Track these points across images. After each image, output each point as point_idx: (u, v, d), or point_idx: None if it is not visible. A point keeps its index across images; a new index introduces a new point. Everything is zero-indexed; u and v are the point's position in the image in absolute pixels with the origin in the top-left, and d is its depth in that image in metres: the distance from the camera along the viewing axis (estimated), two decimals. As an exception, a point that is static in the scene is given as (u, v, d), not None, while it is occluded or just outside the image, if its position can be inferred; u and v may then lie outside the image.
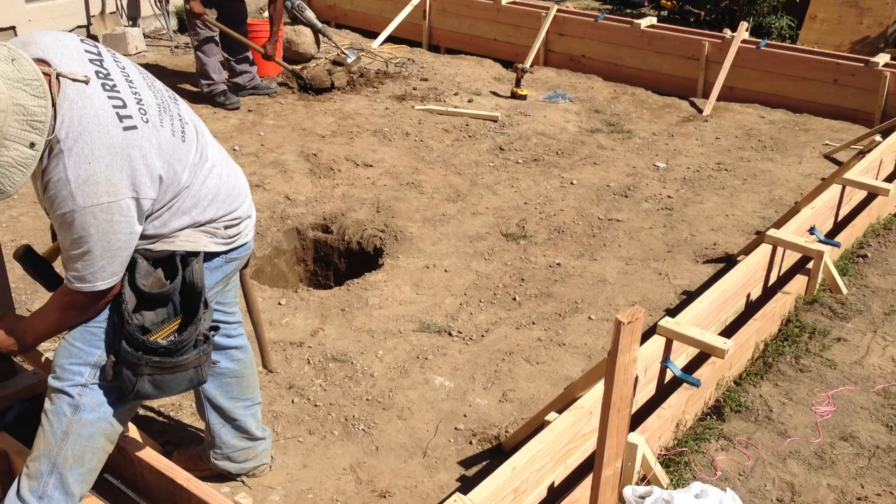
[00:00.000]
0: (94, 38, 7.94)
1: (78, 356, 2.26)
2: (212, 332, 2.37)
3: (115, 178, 2.02)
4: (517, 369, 3.68)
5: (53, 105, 1.97)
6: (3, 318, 2.45)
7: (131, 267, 2.23)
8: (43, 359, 2.75)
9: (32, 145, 1.94)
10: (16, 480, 2.35)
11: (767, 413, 3.25)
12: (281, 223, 4.85)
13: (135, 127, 2.08)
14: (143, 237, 2.21)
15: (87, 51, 2.14)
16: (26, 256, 2.42)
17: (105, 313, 2.26)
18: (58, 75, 2.00)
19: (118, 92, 2.10)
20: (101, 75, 2.09)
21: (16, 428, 2.68)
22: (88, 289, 2.14)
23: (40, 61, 2.02)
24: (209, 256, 2.38)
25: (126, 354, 2.19)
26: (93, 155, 2.00)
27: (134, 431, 2.70)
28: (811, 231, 4.26)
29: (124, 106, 2.08)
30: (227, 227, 2.39)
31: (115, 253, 2.11)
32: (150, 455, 2.53)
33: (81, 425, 2.26)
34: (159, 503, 2.55)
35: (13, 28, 7.38)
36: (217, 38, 6.48)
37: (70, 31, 7.74)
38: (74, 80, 2.02)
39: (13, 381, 2.78)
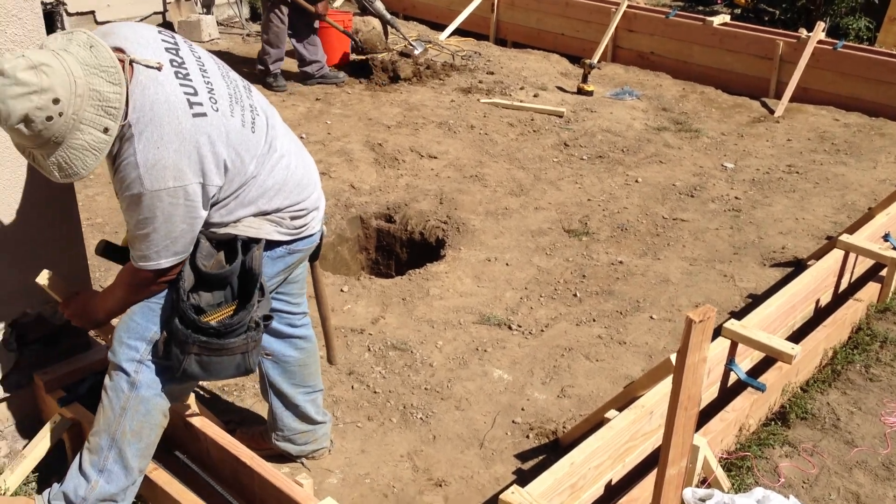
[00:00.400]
0: (170, 24, 8.12)
1: (136, 331, 2.31)
2: (266, 322, 2.38)
3: (182, 163, 2.07)
4: (576, 365, 3.66)
5: (126, 91, 2.03)
6: (78, 293, 2.53)
7: (194, 247, 2.27)
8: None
9: (106, 130, 2.00)
10: (78, 454, 2.43)
11: (834, 421, 3.18)
12: (345, 211, 4.90)
13: (204, 114, 2.12)
14: (207, 224, 2.25)
15: (163, 40, 2.20)
16: (107, 250, 2.48)
17: (166, 290, 2.31)
18: (131, 62, 2.05)
19: (190, 80, 2.14)
20: (175, 63, 2.14)
21: (89, 399, 2.76)
22: (152, 266, 2.20)
23: (117, 49, 2.07)
24: (272, 245, 2.40)
25: (176, 331, 2.24)
26: (162, 140, 2.05)
27: (200, 408, 2.77)
28: (885, 238, 4.13)
29: (195, 93, 2.13)
30: (293, 218, 2.41)
31: (178, 235, 2.16)
32: (216, 432, 2.59)
33: (139, 401, 2.32)
34: (223, 480, 2.60)
35: (92, 13, 7.59)
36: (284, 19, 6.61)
37: (146, 17, 7.97)
38: (147, 66, 2.07)
39: (87, 354, 2.88)
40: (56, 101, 1.91)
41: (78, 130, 1.97)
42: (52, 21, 7.04)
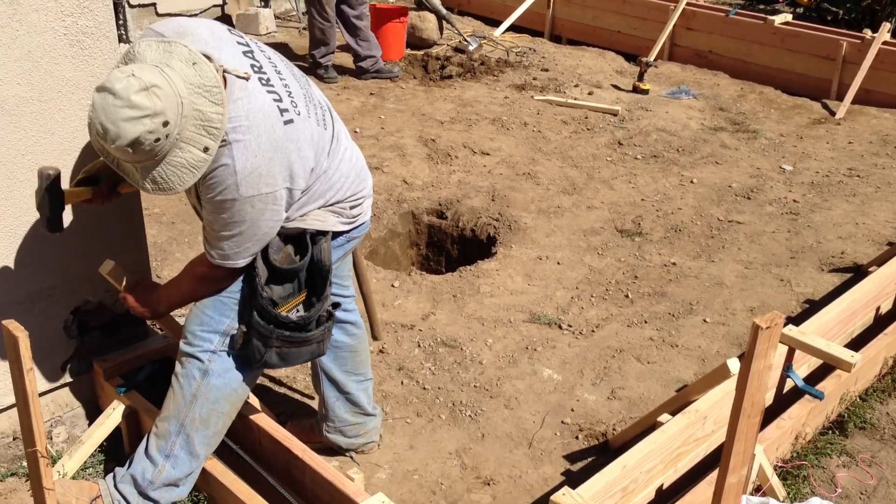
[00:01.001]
0: (228, 17, 8.23)
1: (209, 324, 2.36)
2: (335, 309, 2.43)
3: (275, 170, 2.11)
4: (627, 367, 3.62)
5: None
6: (138, 283, 2.58)
7: None
8: (174, 324, 2.88)
9: (206, 150, 2.01)
10: (144, 439, 2.48)
11: (894, 432, 3.10)
12: (397, 206, 4.91)
13: (292, 121, 2.16)
14: None
15: (238, 42, 2.21)
16: (53, 184, 2.30)
17: (237, 284, 2.35)
18: (224, 72, 2.06)
19: (272, 85, 2.17)
20: (255, 69, 2.17)
21: (146, 387, 2.82)
22: (230, 265, 2.25)
23: (203, 55, 2.08)
24: (335, 235, 2.45)
25: (258, 326, 2.28)
26: (259, 148, 2.08)
27: (254, 400, 2.81)
28: (952, 245, 4.01)
29: (280, 100, 2.16)
30: (352, 207, 2.45)
31: (262, 237, 2.21)
32: (269, 424, 2.62)
33: (209, 389, 2.36)
34: (275, 471, 2.63)
35: (154, 5, 7.72)
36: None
37: (206, 10, 8.08)
38: (237, 76, 2.08)
39: (145, 343, 2.94)
40: (166, 124, 1.93)
41: (178, 149, 1.99)
42: (115, 13, 7.18)
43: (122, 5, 7.23)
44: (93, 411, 2.94)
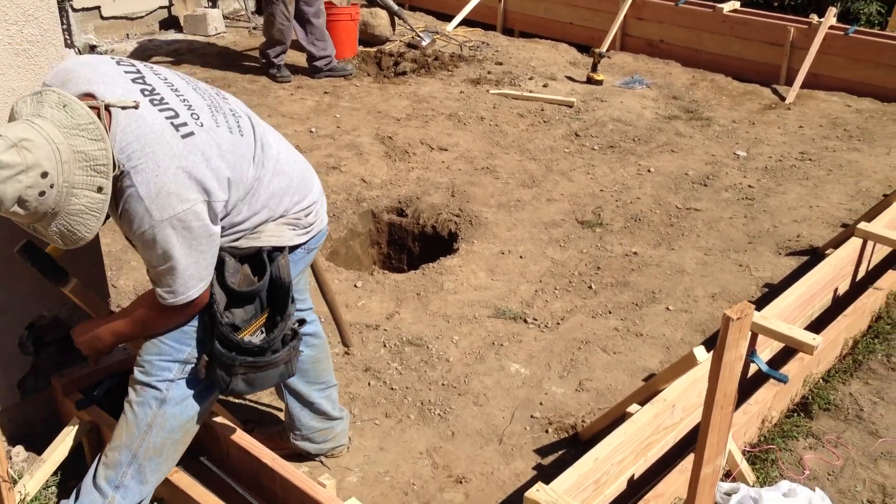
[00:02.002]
0: (175, 18, 8.09)
1: (168, 353, 2.28)
2: (300, 326, 2.38)
3: (183, 185, 2.03)
4: (593, 358, 3.63)
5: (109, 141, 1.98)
6: (84, 322, 2.49)
7: (219, 266, 2.24)
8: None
9: (100, 189, 1.95)
10: (91, 468, 2.39)
11: (858, 412, 3.15)
12: (356, 206, 4.87)
13: (192, 133, 2.08)
14: (226, 234, 2.22)
15: (126, 72, 2.14)
16: (26, 249, 2.39)
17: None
18: (106, 106, 2.00)
19: (167, 103, 2.10)
20: (146, 92, 2.09)
21: (106, 402, 2.75)
22: (182, 301, 2.16)
23: (86, 95, 2.03)
24: (292, 249, 2.39)
25: (220, 355, 2.21)
26: (158, 168, 2.01)
27: (220, 410, 2.75)
28: (904, 225, 4.09)
29: (177, 115, 2.09)
30: (306, 216, 2.40)
31: (200, 258, 2.12)
32: (236, 433, 2.57)
33: (166, 418, 2.29)
34: (244, 481, 2.59)
35: (98, 8, 7.56)
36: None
37: (152, 11, 7.94)
38: (124, 107, 2.02)
39: (104, 357, 2.85)
40: (45, 175, 1.87)
41: (72, 196, 1.93)
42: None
43: (66, 10, 7.06)
44: (53, 428, 2.85)
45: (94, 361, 2.55)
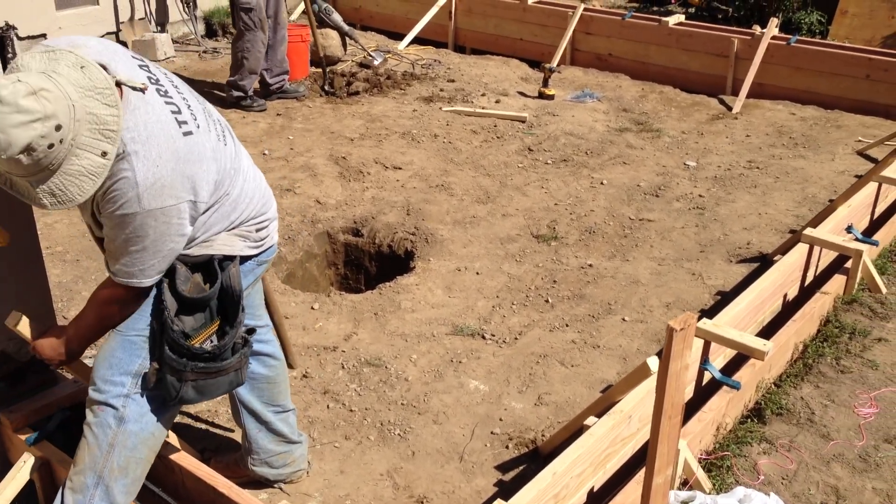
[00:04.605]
0: (124, 43, 8.00)
1: (119, 366, 2.27)
2: (250, 335, 2.38)
3: (177, 181, 2.05)
4: (552, 372, 3.65)
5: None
6: (45, 331, 2.47)
7: (170, 273, 2.23)
8: (83, 367, 2.77)
9: (104, 154, 1.94)
10: (59, 494, 2.36)
11: (809, 416, 3.20)
12: (312, 227, 4.85)
13: (191, 132, 2.11)
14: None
15: (133, 57, 2.16)
16: None
17: (145, 321, 2.27)
18: (117, 83, 2.00)
19: (171, 98, 2.12)
20: (152, 81, 2.11)
21: (58, 436, 2.70)
22: (135, 284, 2.16)
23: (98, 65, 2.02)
24: (243, 260, 2.39)
25: (171, 361, 2.20)
26: (160, 159, 2.02)
27: (174, 439, 2.71)
28: (848, 230, 4.19)
29: (179, 112, 2.11)
30: (258, 230, 2.41)
31: (167, 253, 2.13)
32: (191, 463, 2.54)
33: (126, 436, 2.27)
34: (200, 511, 2.55)
35: (44, 35, 7.45)
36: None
37: (100, 37, 7.83)
38: (133, 88, 2.02)
39: (54, 390, 2.81)
40: (59, 128, 1.84)
41: (74, 156, 1.91)
42: (2, 46, 6.90)
43: (11, 38, 6.95)
44: (2, 466, 2.79)
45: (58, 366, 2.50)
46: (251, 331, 2.41)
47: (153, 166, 2.01)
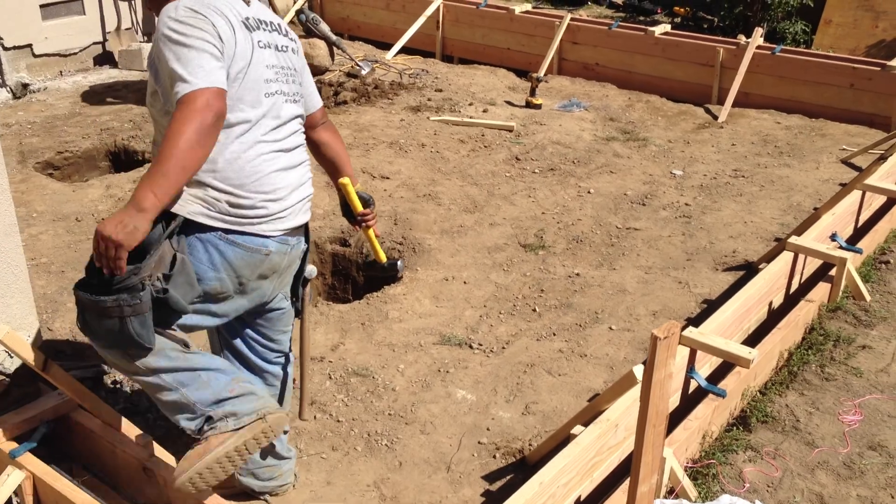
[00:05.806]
0: (110, 53, 8.00)
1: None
2: (160, 294, 2.22)
3: (196, 6, 2.29)
4: (539, 381, 3.66)
5: None
6: (103, 221, 2.25)
7: None
8: (68, 380, 2.76)
9: None
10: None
11: (794, 423, 3.22)
12: (299, 237, 4.84)
13: (261, 42, 2.41)
14: None
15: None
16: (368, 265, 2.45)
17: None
18: None
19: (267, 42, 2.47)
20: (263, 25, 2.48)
21: (42, 449, 2.68)
22: (200, 85, 2.16)
23: None
24: (203, 229, 2.31)
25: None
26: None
27: (160, 451, 2.70)
28: (833, 238, 4.22)
29: (266, 45, 2.45)
30: (230, 205, 2.32)
31: (203, 50, 2.22)
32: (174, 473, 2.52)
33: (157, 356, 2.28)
34: (186, 523, 2.54)
35: (30, 46, 7.44)
36: None
37: (86, 47, 7.85)
38: None
39: (37, 403, 2.79)
40: None
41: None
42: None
43: (-4, 47, 6.94)
44: (-14, 479, 2.77)
45: (111, 269, 2.16)
46: (165, 291, 2.23)
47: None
